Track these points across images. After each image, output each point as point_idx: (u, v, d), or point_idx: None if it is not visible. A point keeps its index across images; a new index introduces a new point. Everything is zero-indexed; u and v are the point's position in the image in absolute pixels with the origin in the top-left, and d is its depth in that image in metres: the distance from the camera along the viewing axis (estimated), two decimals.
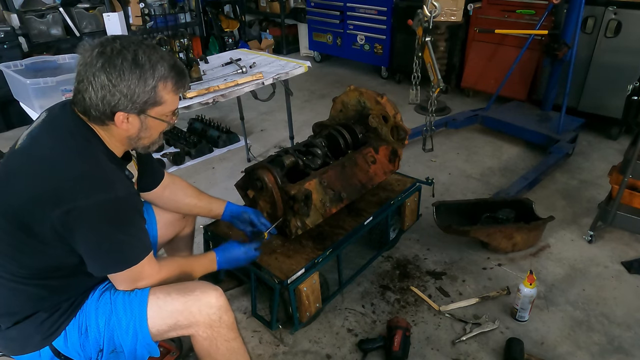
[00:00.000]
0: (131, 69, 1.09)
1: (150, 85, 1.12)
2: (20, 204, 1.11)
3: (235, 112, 3.82)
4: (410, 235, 2.57)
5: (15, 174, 1.14)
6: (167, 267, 1.33)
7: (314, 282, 1.85)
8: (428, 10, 2.35)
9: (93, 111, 1.13)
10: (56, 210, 1.06)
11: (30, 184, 1.10)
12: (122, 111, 1.13)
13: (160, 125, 1.23)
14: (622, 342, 1.91)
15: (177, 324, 1.28)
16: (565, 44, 3.31)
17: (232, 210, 1.77)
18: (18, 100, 2.21)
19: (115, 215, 1.13)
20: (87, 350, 1.27)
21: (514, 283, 2.19)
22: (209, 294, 1.31)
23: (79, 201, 1.07)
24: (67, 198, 1.07)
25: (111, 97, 1.10)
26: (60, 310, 1.25)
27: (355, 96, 2.23)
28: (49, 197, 1.07)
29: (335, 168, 2.00)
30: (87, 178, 1.10)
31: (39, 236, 1.12)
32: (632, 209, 2.39)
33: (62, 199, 1.07)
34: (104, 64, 1.07)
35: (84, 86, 1.10)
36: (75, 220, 1.08)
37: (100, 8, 4.50)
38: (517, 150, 3.59)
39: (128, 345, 1.27)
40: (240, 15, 6.21)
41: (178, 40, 2.55)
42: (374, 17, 4.97)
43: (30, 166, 1.12)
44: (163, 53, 1.16)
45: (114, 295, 1.28)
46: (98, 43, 1.11)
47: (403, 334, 1.84)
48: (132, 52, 1.09)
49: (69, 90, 2.04)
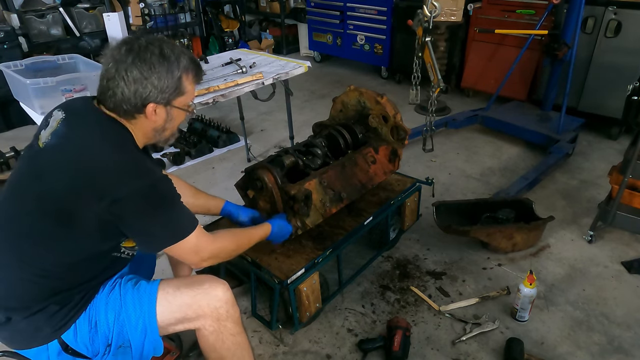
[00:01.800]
0: (159, 61, 1.18)
1: (177, 75, 1.22)
2: (59, 197, 1.14)
3: (235, 112, 3.82)
4: (410, 235, 2.57)
5: (52, 170, 1.17)
6: (221, 237, 1.39)
7: (314, 282, 1.85)
8: (428, 10, 2.35)
9: (125, 105, 1.19)
10: (102, 202, 1.11)
11: (71, 178, 1.14)
12: (153, 102, 1.21)
13: (181, 115, 1.31)
14: (622, 342, 1.91)
15: (185, 317, 1.32)
16: (565, 44, 3.31)
17: (229, 210, 1.82)
18: (18, 100, 2.21)
19: (157, 198, 1.18)
20: (95, 345, 1.28)
21: (514, 283, 2.19)
22: (217, 288, 1.35)
23: (121, 191, 1.12)
24: (110, 189, 1.12)
25: (143, 89, 1.18)
26: (72, 303, 1.25)
27: (355, 96, 2.23)
28: (92, 191, 1.12)
29: (335, 168, 2.00)
30: (125, 167, 1.15)
31: (79, 225, 1.15)
32: (632, 209, 2.39)
33: (106, 191, 1.12)
34: (134, 59, 1.16)
35: (115, 82, 1.17)
36: (122, 209, 1.13)
37: (100, 8, 4.50)
38: (517, 150, 3.59)
39: (136, 341, 1.29)
40: (240, 15, 6.21)
41: (178, 40, 2.56)
42: (374, 17, 4.97)
43: (66, 162, 1.16)
44: (182, 47, 1.28)
45: (123, 290, 1.31)
46: (123, 42, 1.20)
47: (403, 334, 1.84)
48: (157, 46, 1.19)
49: (69, 90, 2.05)
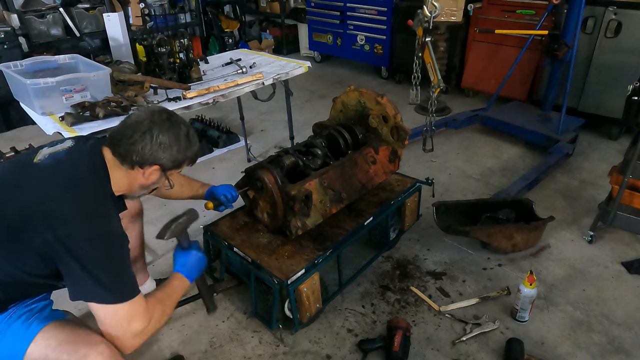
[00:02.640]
0: (185, 140, 1.36)
1: (187, 156, 1.39)
2: (21, 212, 1.20)
3: (235, 112, 3.82)
4: (411, 235, 2.56)
5: (27, 185, 1.24)
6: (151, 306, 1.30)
7: (314, 282, 1.85)
8: (428, 11, 2.35)
9: (136, 157, 1.30)
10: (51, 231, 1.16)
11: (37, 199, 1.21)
12: (158, 165, 1.34)
13: (164, 185, 1.45)
14: (622, 343, 1.91)
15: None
16: (565, 44, 3.31)
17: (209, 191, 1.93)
18: (18, 100, 2.21)
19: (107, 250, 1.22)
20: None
21: (514, 283, 2.19)
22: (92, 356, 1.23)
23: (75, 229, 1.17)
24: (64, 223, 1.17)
25: (162, 153, 1.32)
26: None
27: (356, 96, 2.23)
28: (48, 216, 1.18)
29: (336, 168, 2.00)
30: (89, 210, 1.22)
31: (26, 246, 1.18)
32: (632, 209, 2.39)
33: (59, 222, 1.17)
34: (169, 128, 1.33)
35: (142, 137, 1.30)
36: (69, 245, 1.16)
37: (100, 8, 4.50)
38: (517, 150, 3.59)
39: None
40: (240, 16, 6.21)
41: (178, 40, 2.55)
42: (374, 17, 4.97)
43: (44, 183, 1.24)
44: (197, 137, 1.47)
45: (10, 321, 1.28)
46: (164, 110, 1.38)
47: (403, 334, 1.84)
48: (186, 128, 1.38)
49: (69, 91, 2.05)
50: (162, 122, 1.32)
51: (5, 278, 1.24)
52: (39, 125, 2.01)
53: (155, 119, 1.32)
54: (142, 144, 1.30)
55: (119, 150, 1.31)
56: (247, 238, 2.01)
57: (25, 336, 1.26)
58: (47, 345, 1.25)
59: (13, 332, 1.27)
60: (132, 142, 1.30)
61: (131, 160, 1.31)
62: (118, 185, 1.36)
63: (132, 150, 1.30)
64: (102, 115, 1.96)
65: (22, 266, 1.22)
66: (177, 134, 1.34)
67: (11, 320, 1.28)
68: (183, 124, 1.37)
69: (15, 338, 1.26)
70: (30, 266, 1.22)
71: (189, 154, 1.40)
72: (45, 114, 2.02)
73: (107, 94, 2.13)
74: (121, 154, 1.32)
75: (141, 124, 1.31)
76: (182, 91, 2.29)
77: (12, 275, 1.23)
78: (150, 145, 1.30)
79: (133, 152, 1.30)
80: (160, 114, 1.34)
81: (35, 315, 1.32)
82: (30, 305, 1.34)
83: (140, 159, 1.31)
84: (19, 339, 1.26)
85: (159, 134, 1.31)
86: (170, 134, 1.33)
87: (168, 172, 1.39)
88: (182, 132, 1.36)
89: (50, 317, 1.34)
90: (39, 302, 1.37)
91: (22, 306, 1.32)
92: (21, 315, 1.30)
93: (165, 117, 1.34)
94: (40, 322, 1.29)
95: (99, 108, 1.96)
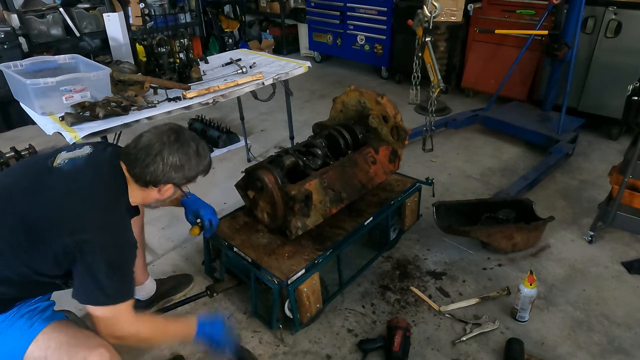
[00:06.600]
0: (195, 157, 1.40)
1: (199, 171, 1.44)
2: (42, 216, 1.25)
3: (235, 112, 3.82)
4: (411, 235, 2.56)
5: (48, 189, 1.29)
6: (142, 321, 1.40)
7: (314, 282, 1.85)
8: (428, 11, 2.35)
9: (149, 177, 1.35)
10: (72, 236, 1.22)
11: (60, 204, 1.27)
12: (172, 183, 1.40)
13: (179, 194, 1.53)
14: (623, 343, 1.91)
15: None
16: (565, 44, 3.31)
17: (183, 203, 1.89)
18: (18, 100, 2.21)
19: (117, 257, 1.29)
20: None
21: (514, 283, 2.19)
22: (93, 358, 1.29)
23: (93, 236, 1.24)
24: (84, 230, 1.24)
25: (175, 173, 1.37)
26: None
27: (356, 96, 2.23)
28: (70, 222, 1.25)
29: (336, 168, 2.00)
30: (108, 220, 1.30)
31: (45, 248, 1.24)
32: (632, 209, 2.39)
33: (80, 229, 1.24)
34: (179, 148, 1.36)
35: (154, 159, 1.34)
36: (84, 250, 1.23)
37: (100, 8, 4.50)
38: (517, 150, 3.59)
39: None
40: (240, 16, 6.21)
41: (178, 40, 2.55)
42: (374, 17, 4.97)
43: (65, 189, 1.30)
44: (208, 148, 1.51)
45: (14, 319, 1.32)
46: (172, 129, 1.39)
47: (403, 334, 1.84)
48: (196, 144, 1.41)
49: (69, 91, 2.04)
50: (172, 144, 1.36)
51: (17, 277, 1.28)
52: (39, 125, 2.01)
53: (165, 141, 1.36)
54: (154, 167, 1.34)
55: (134, 171, 1.37)
56: (247, 238, 2.01)
57: (27, 335, 1.29)
58: (48, 346, 1.29)
59: (16, 329, 1.30)
60: (145, 165, 1.34)
61: (145, 180, 1.37)
62: (134, 197, 1.42)
63: (146, 173, 1.35)
64: (102, 115, 1.96)
65: (35, 267, 1.27)
66: (186, 152, 1.38)
67: (15, 318, 1.32)
68: (192, 140, 1.41)
69: (17, 336, 1.29)
70: (43, 267, 1.27)
71: (201, 168, 1.44)
72: (45, 114, 2.02)
73: (107, 94, 2.13)
74: (136, 175, 1.37)
75: (152, 148, 1.35)
76: (182, 91, 2.29)
77: (24, 274, 1.27)
78: (162, 167, 1.35)
79: (147, 174, 1.35)
80: (169, 135, 1.37)
81: (37, 315, 1.35)
82: (33, 304, 1.38)
83: (154, 179, 1.36)
84: (20, 337, 1.29)
85: (169, 156, 1.35)
86: (180, 154, 1.36)
87: (182, 186, 1.46)
88: (192, 150, 1.39)
89: (52, 317, 1.37)
90: (42, 302, 1.40)
91: (26, 305, 1.36)
92: (24, 314, 1.33)
93: (173, 138, 1.37)
94: (42, 322, 1.33)
95: (99, 108, 1.96)
